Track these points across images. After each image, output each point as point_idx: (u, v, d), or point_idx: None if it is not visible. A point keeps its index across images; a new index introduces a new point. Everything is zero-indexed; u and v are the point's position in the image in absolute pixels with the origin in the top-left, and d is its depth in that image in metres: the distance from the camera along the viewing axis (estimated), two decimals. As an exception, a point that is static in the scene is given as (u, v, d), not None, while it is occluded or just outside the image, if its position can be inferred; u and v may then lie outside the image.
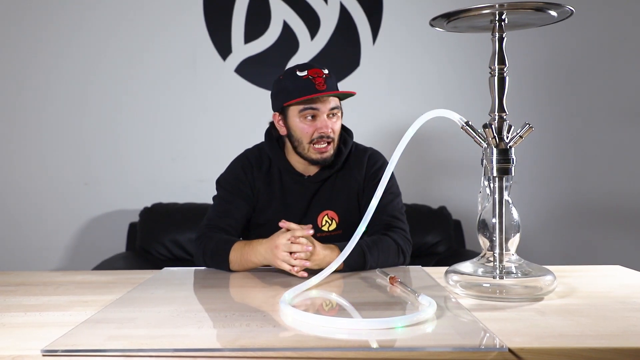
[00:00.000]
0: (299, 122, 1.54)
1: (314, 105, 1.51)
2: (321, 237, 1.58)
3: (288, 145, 1.62)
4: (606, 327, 0.94)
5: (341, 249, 1.38)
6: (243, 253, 1.44)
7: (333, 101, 1.53)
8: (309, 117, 1.53)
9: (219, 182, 1.66)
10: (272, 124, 1.67)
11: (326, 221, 1.61)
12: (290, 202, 1.61)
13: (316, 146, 1.54)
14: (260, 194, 1.62)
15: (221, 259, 1.47)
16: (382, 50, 2.84)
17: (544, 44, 2.85)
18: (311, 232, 1.38)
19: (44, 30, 2.77)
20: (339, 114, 1.57)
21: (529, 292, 1.13)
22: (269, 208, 1.62)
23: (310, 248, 1.35)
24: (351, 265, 1.40)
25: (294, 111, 1.54)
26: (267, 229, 1.52)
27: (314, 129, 1.53)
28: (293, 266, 1.36)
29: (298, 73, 1.52)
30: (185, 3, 2.81)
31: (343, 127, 1.70)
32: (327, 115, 1.53)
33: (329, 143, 1.55)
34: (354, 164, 1.65)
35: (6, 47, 2.78)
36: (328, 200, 1.62)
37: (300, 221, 1.58)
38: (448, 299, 1.14)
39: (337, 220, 1.61)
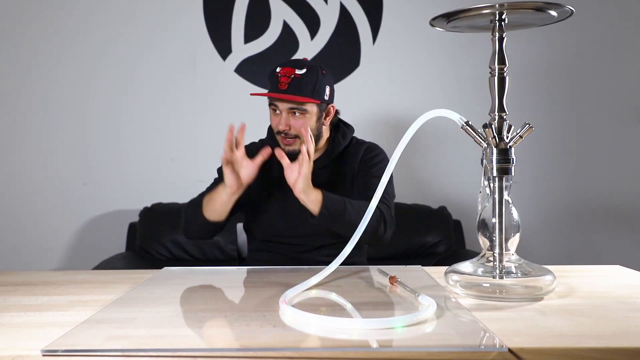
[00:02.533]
0: (271, 113, 1.64)
1: (274, 102, 1.60)
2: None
3: None
4: (606, 327, 0.94)
5: (325, 196, 1.49)
6: (213, 190, 1.56)
7: (292, 101, 1.57)
8: (275, 112, 1.61)
9: (219, 169, 1.69)
10: None
11: None
12: (289, 190, 1.61)
13: (281, 139, 1.62)
14: (259, 181, 1.64)
15: (197, 205, 1.58)
16: (382, 50, 2.84)
17: (544, 44, 2.85)
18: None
19: (43, 30, 2.77)
20: (305, 114, 1.59)
21: (529, 292, 1.13)
22: (269, 196, 1.67)
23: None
24: (330, 210, 1.46)
25: (267, 103, 1.64)
26: (267, 216, 1.61)
27: (276, 123, 1.61)
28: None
29: (277, 69, 1.59)
30: (185, 3, 2.81)
31: (343, 122, 1.75)
32: (289, 113, 1.59)
33: (292, 138, 1.60)
34: (352, 156, 1.70)
35: (6, 47, 2.78)
36: (325, 188, 1.62)
37: (298, 208, 1.57)
38: (448, 298, 1.14)
39: None
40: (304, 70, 1.56)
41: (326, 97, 1.62)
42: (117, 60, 2.80)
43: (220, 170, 1.66)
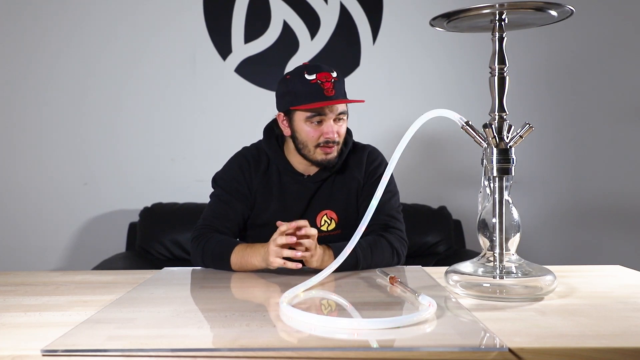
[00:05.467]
0: (305, 126, 1.53)
1: (321, 112, 1.51)
2: (320, 237, 1.57)
3: (289, 145, 1.61)
4: (606, 327, 0.94)
5: (335, 250, 1.42)
6: (244, 255, 1.44)
7: (341, 106, 1.52)
8: (316, 122, 1.52)
9: (216, 181, 1.65)
10: (273, 121, 1.66)
11: (325, 221, 1.61)
12: (289, 202, 1.61)
13: (322, 149, 1.53)
14: (258, 194, 1.61)
15: (222, 261, 1.46)
16: (382, 50, 2.84)
17: (544, 44, 2.85)
18: (311, 230, 1.38)
19: (43, 29, 2.77)
20: (345, 117, 1.56)
21: (529, 292, 1.13)
22: (268, 209, 1.61)
23: (294, 240, 1.33)
24: (343, 266, 1.39)
25: (300, 115, 1.53)
26: (266, 230, 1.51)
27: (320, 133, 1.52)
28: (286, 260, 1.34)
29: (306, 76, 1.50)
30: (185, 3, 2.80)
31: None
32: (334, 120, 1.52)
33: (334, 145, 1.54)
34: (353, 164, 1.65)
35: (5, 47, 2.77)
36: (327, 200, 1.61)
37: (297, 218, 1.57)
38: (448, 299, 1.14)
39: (336, 220, 1.61)
40: (336, 73, 1.52)
41: None
42: (117, 60, 2.80)
43: (221, 185, 1.62)
